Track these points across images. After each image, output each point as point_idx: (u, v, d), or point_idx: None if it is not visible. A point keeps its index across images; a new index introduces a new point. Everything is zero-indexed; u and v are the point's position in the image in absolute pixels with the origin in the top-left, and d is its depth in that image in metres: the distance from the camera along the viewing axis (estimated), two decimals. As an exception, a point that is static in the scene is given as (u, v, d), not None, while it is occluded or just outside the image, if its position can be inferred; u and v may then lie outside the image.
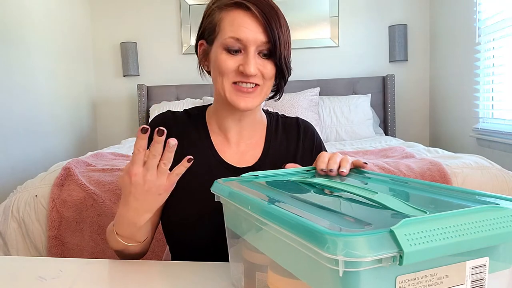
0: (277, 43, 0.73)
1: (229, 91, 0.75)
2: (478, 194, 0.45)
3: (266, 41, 0.73)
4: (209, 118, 0.87)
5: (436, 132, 3.12)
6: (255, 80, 0.75)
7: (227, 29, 0.73)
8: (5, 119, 2.26)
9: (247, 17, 0.73)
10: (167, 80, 3.34)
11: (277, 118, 0.91)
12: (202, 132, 0.85)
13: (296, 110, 2.72)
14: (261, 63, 0.75)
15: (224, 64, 0.74)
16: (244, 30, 0.72)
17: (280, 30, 0.74)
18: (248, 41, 0.72)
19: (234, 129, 0.84)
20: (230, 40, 0.73)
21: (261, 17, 0.72)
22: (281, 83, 0.82)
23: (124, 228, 0.68)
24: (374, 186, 0.54)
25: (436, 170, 1.49)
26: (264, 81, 0.76)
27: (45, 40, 2.71)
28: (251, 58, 0.72)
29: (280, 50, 0.74)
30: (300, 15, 3.19)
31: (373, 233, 0.31)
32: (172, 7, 3.32)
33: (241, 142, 0.85)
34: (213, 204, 0.58)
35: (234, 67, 0.74)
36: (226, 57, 0.74)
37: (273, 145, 0.86)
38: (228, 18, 0.74)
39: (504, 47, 2.19)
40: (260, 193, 0.50)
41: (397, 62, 3.18)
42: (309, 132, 0.90)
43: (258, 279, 0.49)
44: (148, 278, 0.64)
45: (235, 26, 0.72)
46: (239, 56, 0.74)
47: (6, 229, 1.45)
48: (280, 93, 0.85)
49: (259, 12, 0.72)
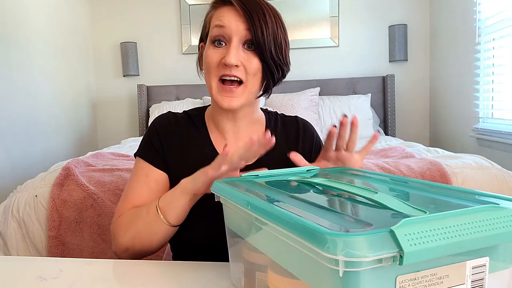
0: (258, 34, 0.73)
1: (215, 89, 0.76)
2: (478, 194, 0.45)
3: (246, 28, 0.74)
4: (208, 119, 0.87)
5: (436, 132, 3.12)
6: (237, 73, 0.74)
7: (213, 21, 0.77)
8: (5, 119, 2.26)
9: (230, 11, 0.75)
10: (167, 80, 3.34)
11: (276, 117, 0.91)
12: (202, 132, 0.85)
13: (296, 110, 2.72)
14: (245, 56, 0.75)
15: (209, 58, 0.75)
16: (227, 18, 0.74)
17: (264, 24, 0.74)
18: (231, 30, 0.74)
19: (230, 130, 0.84)
20: (215, 29, 0.75)
21: (242, 10, 0.74)
22: (269, 83, 0.80)
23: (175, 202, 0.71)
24: (374, 186, 0.54)
25: (436, 170, 1.49)
26: (247, 76, 0.75)
27: (45, 40, 2.71)
28: (232, 48, 0.73)
29: (264, 43, 0.74)
30: (300, 15, 3.19)
31: (373, 233, 0.31)
32: (172, 7, 3.32)
33: (239, 142, 0.85)
34: (214, 204, 0.58)
35: (217, 60, 0.75)
36: (212, 51, 0.76)
37: None
38: (215, 14, 0.77)
39: (504, 47, 2.19)
40: (260, 193, 0.50)
41: (397, 62, 3.18)
42: (308, 131, 0.90)
43: (258, 279, 0.49)
44: (148, 278, 0.64)
45: (220, 17, 0.76)
46: (224, 49, 0.75)
47: (6, 229, 1.45)
48: (269, 92, 0.83)
49: (240, 5, 0.74)
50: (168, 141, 0.82)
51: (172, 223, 0.72)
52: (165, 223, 0.72)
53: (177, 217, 0.72)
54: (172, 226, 0.73)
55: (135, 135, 3.38)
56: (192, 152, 0.83)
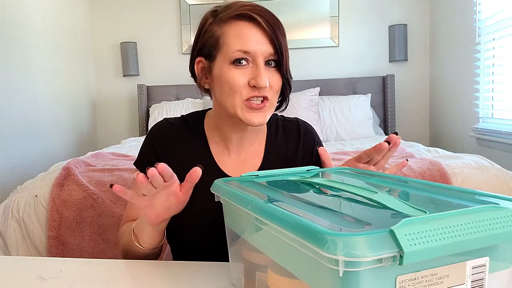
0: (283, 54, 0.73)
1: (241, 108, 0.73)
2: (478, 194, 0.45)
3: (273, 52, 0.72)
4: (209, 128, 0.85)
5: (436, 132, 3.12)
6: (266, 93, 0.73)
7: (233, 41, 0.71)
8: (5, 119, 2.26)
9: (252, 28, 0.72)
10: (167, 80, 3.34)
11: (276, 122, 0.90)
12: (200, 141, 0.84)
13: (296, 110, 2.71)
14: (269, 74, 0.73)
15: (234, 80, 0.71)
16: (252, 42, 0.71)
17: (284, 40, 0.74)
18: (257, 53, 0.71)
19: (235, 139, 0.83)
20: (238, 53, 0.71)
21: (267, 28, 0.71)
22: (287, 91, 0.80)
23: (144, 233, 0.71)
24: (374, 186, 0.54)
25: (436, 170, 1.49)
26: (272, 93, 0.75)
27: (45, 40, 2.71)
28: (262, 71, 0.71)
29: (286, 62, 0.74)
30: (300, 15, 3.19)
31: (373, 233, 0.31)
32: (172, 7, 3.32)
33: (241, 151, 0.84)
34: (214, 204, 0.58)
35: (244, 82, 0.72)
36: (236, 72, 0.72)
37: (273, 150, 0.86)
38: (233, 31, 0.72)
39: (504, 47, 2.19)
40: (260, 193, 0.50)
41: (397, 62, 3.18)
42: (309, 134, 0.90)
43: (258, 279, 0.49)
44: (148, 278, 0.64)
45: (242, 38, 0.71)
46: (248, 69, 0.72)
47: (6, 229, 1.45)
48: (286, 102, 0.84)
49: (265, 23, 0.71)
50: (165, 153, 0.82)
51: (145, 247, 0.73)
52: (139, 247, 0.73)
53: (147, 243, 0.73)
54: (148, 250, 0.73)
55: (135, 135, 3.38)
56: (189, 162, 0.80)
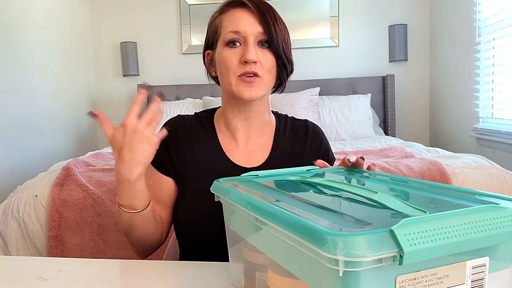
0: (273, 33, 0.78)
1: (235, 84, 0.79)
2: (478, 194, 0.45)
3: (262, 31, 0.78)
4: (217, 119, 0.89)
5: (436, 132, 3.12)
6: (255, 68, 0.77)
7: (227, 25, 0.79)
8: (5, 119, 2.26)
9: (243, 12, 0.79)
10: (167, 80, 3.33)
11: (286, 119, 0.93)
12: (209, 132, 0.87)
13: (296, 110, 2.71)
14: (261, 53, 0.79)
15: (227, 59, 0.78)
16: (242, 23, 0.78)
17: (275, 22, 0.79)
18: (247, 32, 0.78)
19: (242, 129, 0.86)
20: (230, 34, 0.78)
21: (256, 11, 0.78)
22: (283, 74, 0.83)
23: (122, 191, 0.72)
24: (374, 186, 0.54)
25: (436, 169, 1.49)
26: (263, 71, 0.79)
27: (45, 40, 2.71)
28: (250, 46, 0.77)
29: (278, 41, 0.79)
30: (300, 15, 3.19)
31: (373, 233, 0.31)
32: (172, 7, 3.32)
33: (248, 142, 0.87)
34: (214, 204, 0.58)
35: (236, 59, 0.78)
36: (228, 52, 0.78)
37: (281, 146, 0.87)
38: (227, 17, 0.80)
39: (504, 47, 2.19)
40: (260, 193, 0.50)
41: (397, 62, 3.18)
42: (317, 135, 0.91)
43: (258, 279, 0.49)
44: (148, 278, 0.64)
45: (234, 21, 0.79)
46: (240, 49, 0.78)
47: (6, 229, 1.45)
48: (283, 85, 0.87)
49: (254, 7, 0.78)
50: (175, 148, 0.85)
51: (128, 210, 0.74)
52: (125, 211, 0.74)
53: (130, 205, 0.73)
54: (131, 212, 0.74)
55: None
56: (199, 152, 0.85)
